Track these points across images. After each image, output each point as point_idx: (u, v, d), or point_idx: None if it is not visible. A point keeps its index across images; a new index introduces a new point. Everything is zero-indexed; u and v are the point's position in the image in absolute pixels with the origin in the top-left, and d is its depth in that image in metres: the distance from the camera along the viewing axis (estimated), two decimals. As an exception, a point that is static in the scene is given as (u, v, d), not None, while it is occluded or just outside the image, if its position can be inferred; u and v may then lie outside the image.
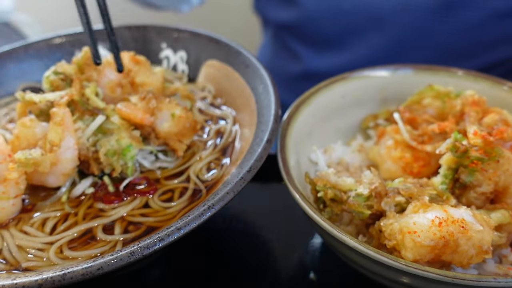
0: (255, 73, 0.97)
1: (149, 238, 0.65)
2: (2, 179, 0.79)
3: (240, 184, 0.72)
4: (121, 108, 0.86)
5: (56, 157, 0.79)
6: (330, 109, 1.03)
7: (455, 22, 1.31)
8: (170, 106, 0.86)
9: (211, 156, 0.90)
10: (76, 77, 0.88)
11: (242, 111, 0.97)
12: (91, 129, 0.84)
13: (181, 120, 0.86)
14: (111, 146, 0.82)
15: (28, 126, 0.82)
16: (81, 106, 0.86)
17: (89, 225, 0.78)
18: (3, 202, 0.79)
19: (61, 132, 0.79)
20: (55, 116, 0.80)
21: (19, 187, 0.80)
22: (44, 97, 0.84)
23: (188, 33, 1.13)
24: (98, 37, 1.16)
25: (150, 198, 0.82)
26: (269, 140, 0.79)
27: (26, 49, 1.12)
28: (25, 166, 0.76)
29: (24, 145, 0.82)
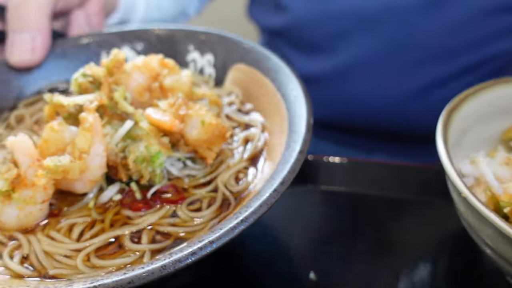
0: (285, 79, 0.95)
1: (180, 251, 0.63)
2: (30, 184, 0.78)
3: (273, 197, 0.69)
4: (150, 114, 0.84)
5: (85, 164, 0.77)
6: (475, 118, 0.96)
7: (442, 20, 1.31)
8: (200, 113, 0.85)
9: (239, 165, 0.88)
10: (105, 80, 0.87)
11: (271, 118, 0.95)
12: (120, 134, 0.83)
13: (211, 127, 0.85)
14: (140, 152, 0.81)
15: (57, 130, 0.81)
16: (110, 110, 0.85)
17: (116, 233, 0.77)
18: (31, 207, 0.78)
19: (90, 138, 0.78)
20: (84, 122, 0.79)
21: (47, 192, 0.79)
22: (73, 100, 0.83)
23: (216, 36, 1.11)
24: (126, 38, 1.15)
25: (178, 207, 0.81)
26: (301, 151, 0.76)
27: (53, 48, 1.11)
28: (54, 174, 0.75)
29: (53, 149, 0.81)
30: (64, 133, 0.81)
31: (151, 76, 0.93)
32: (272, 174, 0.77)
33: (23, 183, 0.77)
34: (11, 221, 0.78)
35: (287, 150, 0.79)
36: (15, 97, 1.07)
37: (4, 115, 1.04)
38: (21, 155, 0.80)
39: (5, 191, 0.77)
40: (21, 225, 0.79)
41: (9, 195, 0.78)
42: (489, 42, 1.34)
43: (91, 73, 0.88)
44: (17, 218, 0.78)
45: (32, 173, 0.78)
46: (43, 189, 0.78)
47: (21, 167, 0.79)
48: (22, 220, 0.78)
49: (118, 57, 0.89)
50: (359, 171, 1.16)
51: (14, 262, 0.72)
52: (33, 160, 0.79)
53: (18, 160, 0.80)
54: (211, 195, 0.83)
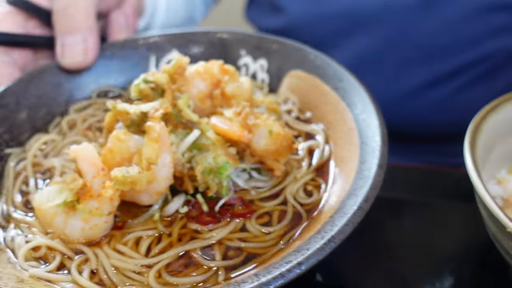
0: (351, 87, 0.91)
1: (268, 273, 0.60)
2: (95, 195, 0.75)
3: (358, 215, 0.66)
4: (216, 123, 0.81)
5: (153, 175, 0.74)
6: (495, 135, 0.91)
7: (438, 19, 1.31)
8: (268, 122, 0.81)
9: (307, 177, 0.85)
10: (168, 87, 0.84)
11: (334, 128, 0.92)
12: (186, 144, 0.79)
13: (279, 138, 0.81)
14: (208, 163, 0.78)
15: (122, 139, 0.78)
16: (174, 119, 0.82)
17: (186, 247, 0.73)
18: (96, 219, 0.75)
19: (158, 148, 0.75)
20: (151, 132, 0.76)
21: (113, 203, 0.76)
22: (138, 108, 0.80)
23: (271, 41, 1.08)
24: (175, 41, 1.12)
25: (248, 221, 0.78)
26: (381, 166, 0.73)
27: (102, 51, 1.08)
28: (122, 185, 0.72)
29: (117, 159, 0.78)
30: (129, 142, 0.79)
31: (212, 82, 0.90)
32: (349, 189, 0.73)
33: (89, 194, 0.74)
34: (76, 234, 0.75)
35: (363, 164, 0.76)
36: (65, 100, 1.04)
37: (56, 120, 1.01)
38: (85, 164, 0.77)
39: (70, 202, 0.75)
40: (86, 237, 0.76)
41: (74, 206, 0.75)
42: (485, 41, 1.34)
43: (153, 79, 0.85)
44: (81, 230, 0.75)
45: (98, 184, 0.75)
46: (109, 200, 0.75)
47: (86, 177, 0.76)
48: (87, 232, 0.75)
49: (180, 62, 0.86)
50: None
51: (84, 277, 0.69)
52: (98, 170, 0.77)
53: (82, 169, 0.77)
54: (280, 208, 0.80)
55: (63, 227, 0.76)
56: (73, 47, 1.00)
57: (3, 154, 0.91)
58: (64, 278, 0.69)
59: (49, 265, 0.71)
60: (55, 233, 0.77)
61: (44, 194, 0.78)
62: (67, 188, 0.75)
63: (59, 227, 0.76)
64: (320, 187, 0.83)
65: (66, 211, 0.75)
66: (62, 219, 0.76)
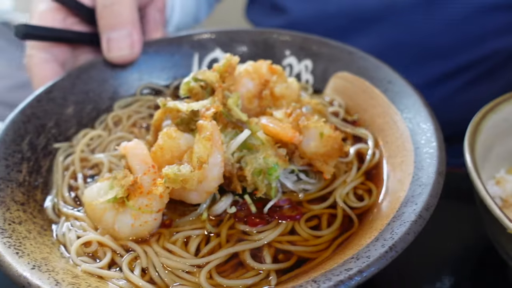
0: (401, 91, 0.89)
1: (328, 279, 0.58)
2: (145, 192, 0.75)
3: (419, 224, 0.64)
4: (267, 123, 0.80)
5: (204, 174, 0.74)
6: (494, 136, 0.91)
7: (440, 18, 1.30)
8: (319, 124, 0.80)
9: (357, 181, 0.83)
10: (219, 86, 0.83)
11: (384, 132, 0.89)
12: (236, 144, 0.78)
13: (330, 140, 0.80)
14: (258, 164, 0.77)
15: (173, 137, 0.77)
16: (224, 118, 0.81)
17: (235, 249, 0.72)
18: (146, 216, 0.75)
19: (210, 147, 0.74)
20: (203, 130, 0.75)
21: (163, 201, 0.75)
22: (190, 106, 0.79)
23: (317, 41, 1.06)
24: (219, 40, 1.12)
25: (297, 223, 0.76)
26: (440, 172, 0.71)
27: (145, 49, 1.09)
28: (173, 183, 0.71)
29: (168, 157, 0.78)
30: (180, 140, 0.78)
31: (260, 82, 0.89)
32: (405, 196, 0.71)
33: (139, 190, 0.74)
34: (125, 230, 0.75)
35: (419, 170, 0.73)
36: (110, 97, 1.05)
37: (102, 116, 1.02)
38: (135, 161, 0.77)
39: (120, 198, 0.75)
40: (135, 234, 0.76)
41: (123, 202, 0.75)
42: (486, 40, 1.32)
43: (203, 78, 0.84)
44: (131, 226, 0.75)
45: (148, 181, 0.75)
46: (159, 198, 0.74)
47: (136, 174, 0.76)
48: (137, 229, 0.75)
49: (230, 61, 0.85)
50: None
51: (135, 275, 0.69)
52: (148, 167, 0.76)
53: (132, 166, 0.77)
54: (330, 211, 0.78)
55: (112, 223, 0.76)
56: (119, 41, 1.00)
57: (51, 148, 0.91)
58: (116, 275, 0.69)
59: (100, 261, 0.71)
60: (104, 229, 0.77)
61: (94, 190, 0.78)
62: (118, 184, 0.74)
63: (108, 223, 0.76)
64: (371, 191, 0.81)
65: (116, 207, 0.75)
66: (112, 215, 0.76)
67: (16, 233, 0.70)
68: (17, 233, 0.70)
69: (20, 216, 0.74)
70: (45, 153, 0.90)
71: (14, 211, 0.74)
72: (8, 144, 0.83)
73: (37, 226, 0.75)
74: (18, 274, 0.61)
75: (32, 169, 0.85)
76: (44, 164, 0.88)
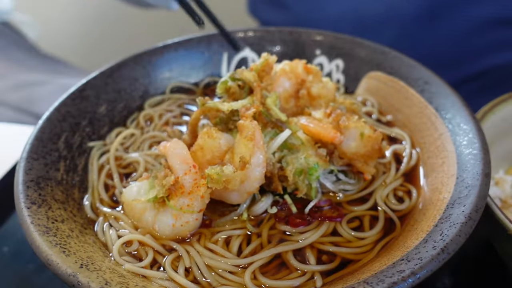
0: (439, 91, 0.88)
1: (380, 281, 0.58)
2: (187, 192, 0.74)
3: (470, 225, 0.63)
4: (308, 124, 0.80)
5: (246, 174, 0.73)
6: (493, 135, 0.91)
7: (441, 30, 1.30)
8: (359, 124, 0.79)
9: (396, 182, 0.82)
10: (257, 85, 0.82)
11: (421, 133, 0.89)
12: (277, 143, 0.78)
13: (370, 141, 0.79)
14: (300, 164, 0.76)
15: (214, 137, 0.77)
16: (264, 117, 0.81)
17: (278, 250, 0.72)
18: (187, 216, 0.75)
19: (252, 147, 0.74)
20: (245, 130, 0.74)
21: (204, 201, 0.75)
22: (230, 105, 0.79)
23: (349, 41, 1.05)
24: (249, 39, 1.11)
25: (338, 225, 0.76)
26: (487, 174, 0.70)
27: (175, 48, 1.08)
28: (216, 183, 0.71)
29: (209, 157, 0.77)
30: (220, 140, 0.78)
31: (297, 82, 0.88)
32: (450, 197, 0.70)
33: (181, 190, 0.74)
34: (166, 230, 0.75)
35: (464, 171, 0.73)
36: (140, 96, 1.05)
37: (134, 115, 1.01)
38: (176, 161, 0.76)
39: (160, 198, 0.74)
40: (176, 234, 0.75)
41: (164, 202, 0.75)
42: (489, 54, 1.32)
43: (241, 77, 0.84)
44: (172, 227, 0.75)
45: (189, 181, 0.74)
46: (201, 198, 0.74)
47: (177, 174, 0.76)
48: (178, 229, 0.75)
49: (268, 61, 0.85)
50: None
51: (180, 275, 0.69)
52: (189, 167, 0.76)
53: (172, 166, 0.77)
54: (371, 213, 0.78)
55: (152, 222, 0.76)
56: None
57: (86, 147, 0.91)
58: (160, 275, 0.69)
59: (142, 261, 0.71)
60: (144, 228, 0.76)
61: (134, 189, 0.78)
62: (159, 183, 0.74)
63: (148, 222, 0.76)
64: (410, 193, 0.80)
65: (156, 207, 0.75)
66: (152, 215, 0.76)
67: (60, 231, 0.69)
68: (61, 232, 0.69)
69: (61, 215, 0.74)
70: (80, 152, 0.90)
71: (55, 209, 0.74)
72: (45, 143, 0.83)
73: (78, 225, 0.75)
74: (68, 273, 0.61)
75: (69, 167, 0.85)
76: (79, 163, 0.88)
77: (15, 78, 1.48)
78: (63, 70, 1.65)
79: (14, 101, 1.30)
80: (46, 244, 0.65)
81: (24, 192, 0.73)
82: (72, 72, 1.63)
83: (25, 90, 1.37)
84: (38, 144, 0.82)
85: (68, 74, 1.58)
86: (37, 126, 0.85)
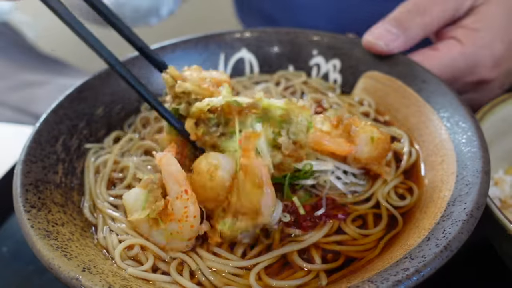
0: (436, 89, 0.89)
1: (384, 279, 0.58)
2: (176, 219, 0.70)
3: (471, 223, 0.64)
4: (322, 141, 0.78)
5: (260, 217, 0.69)
6: (492, 135, 0.92)
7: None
8: (367, 129, 0.79)
9: (396, 180, 0.83)
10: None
11: (419, 131, 0.89)
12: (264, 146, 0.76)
13: (380, 143, 0.80)
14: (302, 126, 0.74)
15: (213, 177, 0.70)
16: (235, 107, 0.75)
17: (284, 250, 0.71)
18: (177, 241, 0.72)
19: (261, 193, 0.68)
20: (251, 174, 0.69)
21: (194, 230, 0.71)
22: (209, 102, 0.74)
23: (346, 41, 1.06)
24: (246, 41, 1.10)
25: (343, 223, 0.76)
26: (487, 172, 0.71)
27: (172, 49, 1.08)
28: (229, 237, 0.71)
29: (212, 194, 0.71)
30: (223, 176, 0.70)
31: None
32: (451, 195, 0.71)
33: (170, 217, 0.70)
34: (160, 244, 0.73)
35: (464, 169, 0.73)
36: (137, 98, 1.03)
37: (130, 118, 1.01)
38: (169, 180, 0.70)
39: (152, 219, 0.71)
40: (169, 250, 0.73)
41: (157, 221, 0.71)
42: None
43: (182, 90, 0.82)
44: (164, 245, 0.73)
45: (179, 206, 0.69)
46: (190, 227, 0.70)
47: (170, 195, 0.71)
48: (169, 248, 0.73)
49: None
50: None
51: (185, 278, 0.68)
52: (181, 191, 0.70)
53: (166, 184, 0.71)
54: (373, 211, 0.78)
55: (148, 234, 0.74)
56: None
57: (84, 149, 0.90)
58: (164, 278, 0.68)
59: (144, 265, 0.70)
60: (143, 235, 0.74)
61: (132, 196, 0.74)
62: (149, 207, 0.71)
63: (144, 232, 0.74)
64: (411, 190, 0.81)
65: (150, 223, 0.72)
66: (147, 227, 0.73)
67: (60, 235, 0.69)
68: (61, 235, 0.69)
69: (61, 218, 0.73)
70: (78, 155, 0.89)
71: (55, 212, 0.73)
72: (43, 145, 0.82)
73: (78, 228, 0.74)
74: (70, 276, 0.60)
75: (67, 170, 0.84)
76: (78, 166, 0.87)
77: (14, 78, 1.47)
78: (62, 70, 1.65)
79: (13, 101, 1.29)
80: (47, 248, 0.64)
81: (23, 195, 0.72)
82: (71, 72, 1.62)
83: (24, 90, 1.36)
84: (36, 146, 0.81)
85: (68, 74, 1.58)
86: (34, 128, 0.84)
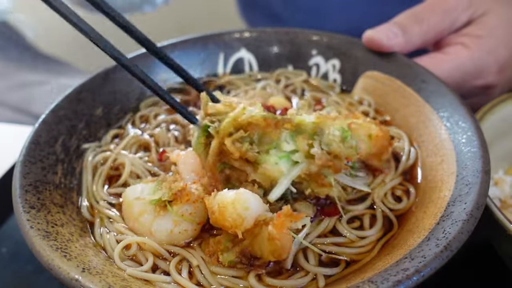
0: (436, 89, 0.89)
1: (385, 279, 0.58)
2: (192, 200, 0.72)
3: (471, 223, 0.64)
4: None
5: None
6: (492, 135, 0.92)
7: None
8: (365, 125, 0.79)
9: (395, 181, 0.82)
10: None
11: (419, 131, 0.89)
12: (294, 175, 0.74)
13: (379, 140, 0.80)
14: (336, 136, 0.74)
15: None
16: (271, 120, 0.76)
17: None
18: (187, 224, 0.73)
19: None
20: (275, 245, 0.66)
21: (205, 215, 0.72)
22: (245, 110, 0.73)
23: (346, 41, 1.06)
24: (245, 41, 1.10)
25: (339, 224, 0.76)
26: (487, 171, 0.71)
27: (172, 49, 1.08)
28: None
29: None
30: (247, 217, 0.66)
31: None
32: (451, 195, 0.71)
33: (187, 197, 0.72)
34: (162, 235, 0.73)
35: (463, 169, 0.73)
36: (136, 98, 1.04)
37: (128, 115, 1.01)
38: (187, 169, 0.76)
39: (164, 201, 0.73)
40: (171, 240, 0.73)
41: (165, 206, 0.73)
42: None
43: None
44: (169, 232, 0.73)
45: (197, 189, 0.73)
46: (204, 209, 0.72)
47: (185, 181, 0.74)
48: (174, 235, 0.73)
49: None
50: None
51: (184, 278, 0.68)
52: (199, 178, 0.75)
53: (182, 174, 0.76)
54: (370, 212, 0.78)
55: (149, 225, 0.74)
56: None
57: (82, 149, 0.90)
58: (163, 279, 0.68)
59: (144, 265, 0.70)
60: (138, 230, 0.75)
61: (138, 189, 0.76)
62: (166, 186, 0.73)
63: (145, 224, 0.74)
64: (409, 192, 0.81)
65: (156, 210, 0.74)
66: (150, 218, 0.74)
67: (60, 235, 0.68)
68: (61, 236, 0.68)
69: (61, 219, 0.73)
70: (77, 155, 0.89)
71: (55, 213, 0.73)
72: (42, 146, 0.82)
73: (77, 229, 0.74)
74: (70, 277, 0.60)
75: (66, 171, 0.84)
76: (77, 166, 0.87)
77: (13, 78, 1.48)
78: (61, 70, 1.65)
79: (13, 101, 1.29)
80: (47, 249, 0.64)
81: (23, 196, 0.72)
82: (71, 72, 1.62)
83: (23, 90, 1.36)
84: (35, 147, 0.81)
85: (67, 74, 1.58)
86: (33, 129, 0.84)
